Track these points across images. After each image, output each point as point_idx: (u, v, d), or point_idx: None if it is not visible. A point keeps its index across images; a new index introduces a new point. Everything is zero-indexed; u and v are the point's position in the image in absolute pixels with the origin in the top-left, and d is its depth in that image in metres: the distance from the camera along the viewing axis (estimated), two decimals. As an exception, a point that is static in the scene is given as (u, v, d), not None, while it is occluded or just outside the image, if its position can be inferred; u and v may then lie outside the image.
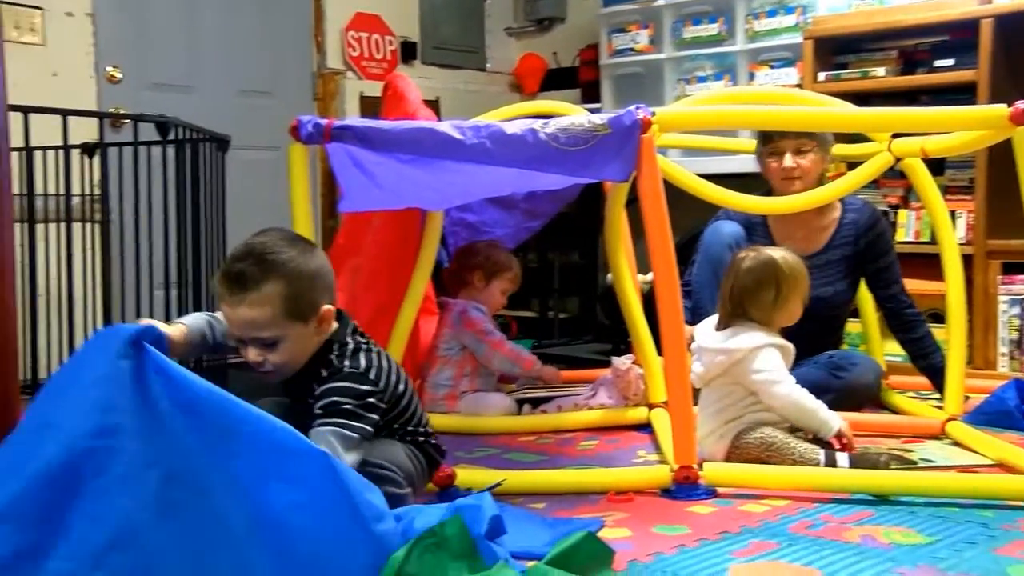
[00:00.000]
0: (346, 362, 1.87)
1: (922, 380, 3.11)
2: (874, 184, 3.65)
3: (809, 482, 2.20)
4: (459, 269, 3.25)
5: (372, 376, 1.87)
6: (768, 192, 3.12)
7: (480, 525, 1.51)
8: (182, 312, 2.70)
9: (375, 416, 1.86)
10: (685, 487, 2.17)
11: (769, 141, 3.05)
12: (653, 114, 2.23)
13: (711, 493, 2.18)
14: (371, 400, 1.85)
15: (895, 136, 2.95)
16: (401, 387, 1.96)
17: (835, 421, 2.39)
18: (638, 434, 2.85)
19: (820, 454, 2.31)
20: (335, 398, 1.82)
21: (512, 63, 5.72)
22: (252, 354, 1.84)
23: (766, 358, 2.39)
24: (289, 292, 1.80)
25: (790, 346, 2.45)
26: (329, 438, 1.76)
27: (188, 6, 4.48)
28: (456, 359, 3.11)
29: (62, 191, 2.58)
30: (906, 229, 3.79)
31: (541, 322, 5.14)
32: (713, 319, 2.52)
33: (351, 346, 1.90)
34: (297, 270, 1.81)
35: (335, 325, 1.91)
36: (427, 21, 5.36)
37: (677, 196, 2.26)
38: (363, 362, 1.88)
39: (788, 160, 3.01)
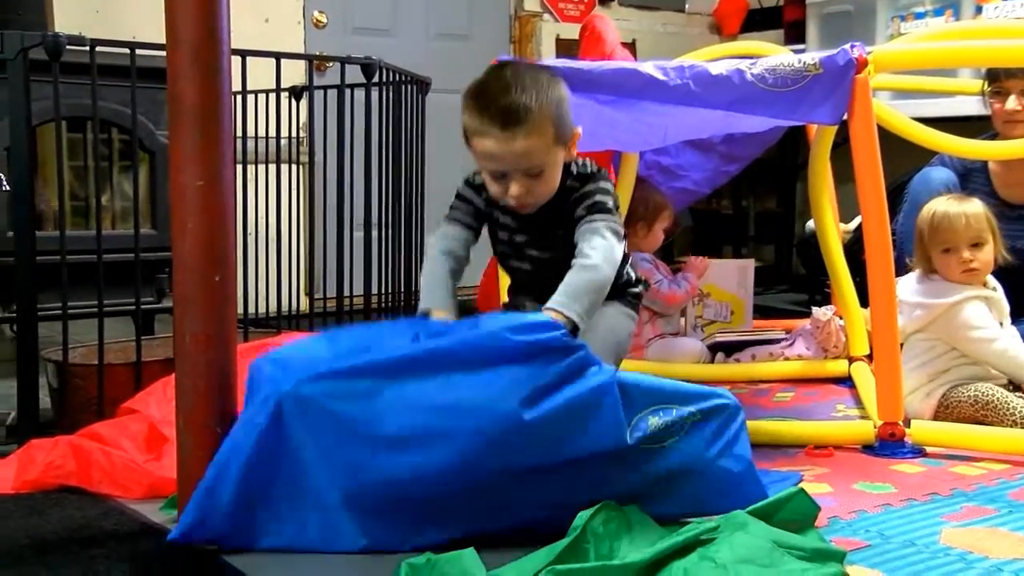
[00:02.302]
0: (593, 169, 1.89)
1: None
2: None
3: (1032, 446, 2.06)
4: None
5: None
6: (993, 137, 2.92)
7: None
8: (381, 252, 2.78)
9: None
10: (890, 444, 2.09)
11: (995, 80, 2.84)
12: (869, 53, 2.12)
13: (918, 452, 2.09)
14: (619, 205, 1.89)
15: None
16: None
17: None
18: (837, 387, 2.76)
19: (1045, 417, 2.16)
20: (599, 198, 1.85)
21: (712, 3, 5.55)
22: (515, 188, 1.81)
23: (973, 313, 2.24)
24: (555, 116, 1.79)
25: (997, 296, 2.29)
26: (603, 230, 1.79)
27: (390, -49, 4.57)
28: None
29: (271, 133, 2.69)
30: None
31: (734, 270, 5.03)
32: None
33: (587, 162, 1.92)
34: (556, 93, 1.81)
35: None
36: (625, -40, 5.27)
37: (884, 141, 2.15)
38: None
39: (1012, 102, 2.80)
